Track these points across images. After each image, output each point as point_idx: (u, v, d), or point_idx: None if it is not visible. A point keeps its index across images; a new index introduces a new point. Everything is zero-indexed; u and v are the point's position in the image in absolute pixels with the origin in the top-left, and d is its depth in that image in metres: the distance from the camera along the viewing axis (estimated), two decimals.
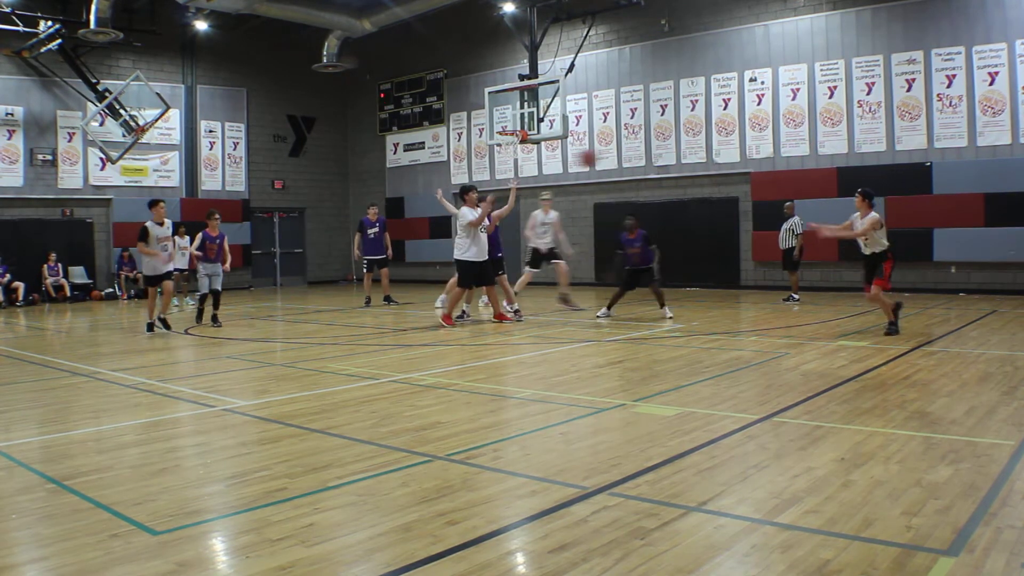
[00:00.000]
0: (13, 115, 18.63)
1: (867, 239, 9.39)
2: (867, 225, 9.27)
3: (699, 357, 8.11)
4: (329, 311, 14.86)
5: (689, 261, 16.97)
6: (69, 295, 18.42)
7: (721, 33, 17.29)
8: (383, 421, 5.57)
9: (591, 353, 8.80)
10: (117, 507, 3.81)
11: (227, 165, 21.99)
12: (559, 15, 17.58)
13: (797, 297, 13.99)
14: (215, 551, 3.39)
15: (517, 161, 20.47)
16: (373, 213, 15.38)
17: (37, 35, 17.70)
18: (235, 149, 22.15)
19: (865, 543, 3.18)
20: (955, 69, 14.60)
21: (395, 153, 23.62)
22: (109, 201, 19.82)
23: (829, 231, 9.90)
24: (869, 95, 15.51)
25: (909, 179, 14.92)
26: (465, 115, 21.79)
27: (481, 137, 20.99)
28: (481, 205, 11.23)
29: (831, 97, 15.94)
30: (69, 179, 19.44)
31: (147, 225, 11.18)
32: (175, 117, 20.64)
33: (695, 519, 3.50)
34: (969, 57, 14.45)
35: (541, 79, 16.77)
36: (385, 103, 23.72)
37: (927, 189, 14.80)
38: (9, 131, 18.61)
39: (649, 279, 11.41)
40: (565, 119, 16.35)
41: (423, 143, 22.82)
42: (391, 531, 3.45)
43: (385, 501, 3.85)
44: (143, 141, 18.79)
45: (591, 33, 18.19)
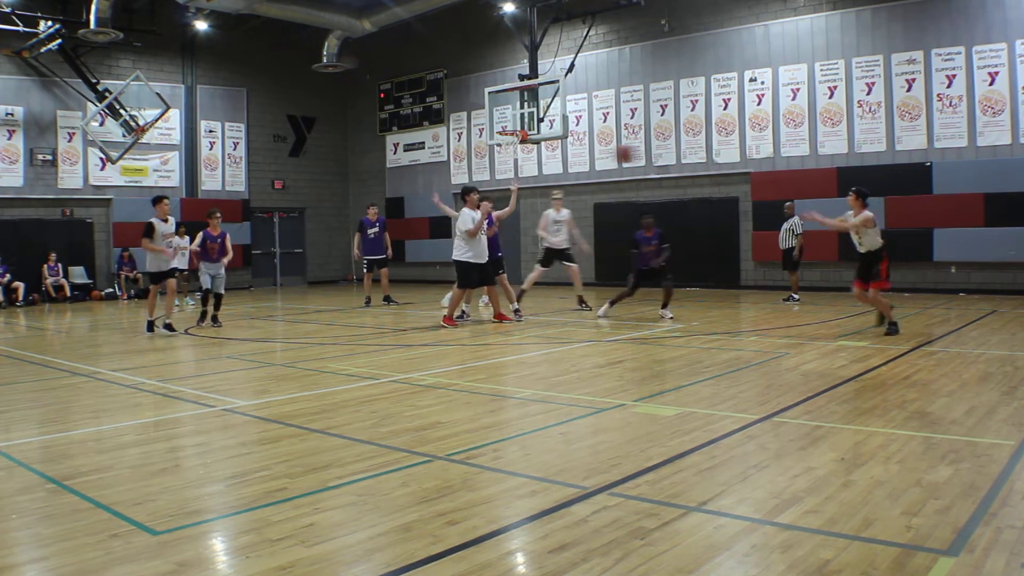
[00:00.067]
0: (13, 115, 18.63)
1: (860, 236, 9.41)
2: (859, 220, 9.30)
3: (699, 357, 8.12)
4: (329, 311, 14.86)
5: (689, 261, 16.95)
6: (69, 295, 18.42)
7: (721, 33, 17.29)
8: (383, 421, 5.58)
9: (591, 353, 8.80)
10: (117, 507, 3.81)
11: (227, 165, 21.99)
12: (559, 15, 17.58)
13: (797, 297, 13.99)
14: (215, 551, 3.39)
15: (517, 161, 20.47)
16: (373, 213, 15.38)
17: (37, 35, 17.70)
18: (235, 149, 22.15)
19: (865, 543, 3.18)
20: (955, 69, 14.60)
21: (395, 153, 23.62)
22: (109, 201, 19.82)
23: (820, 217, 9.89)
24: (869, 95, 15.51)
25: (909, 179, 14.93)
26: (465, 115, 21.79)
27: (481, 137, 20.99)
28: (482, 205, 11.22)
29: (831, 97, 15.94)
30: (69, 179, 19.44)
31: (152, 221, 11.16)
32: (175, 117, 20.64)
33: (695, 519, 3.50)
34: (969, 57, 14.45)
35: (541, 79, 16.77)
36: (385, 103, 23.72)
37: (927, 189, 14.80)
38: (9, 131, 18.61)
39: (662, 279, 11.39)
40: (565, 119, 16.35)
41: (423, 143, 22.82)
42: (391, 531, 3.45)
43: (385, 501, 3.85)
44: (143, 141, 18.80)
45: (591, 33, 18.19)
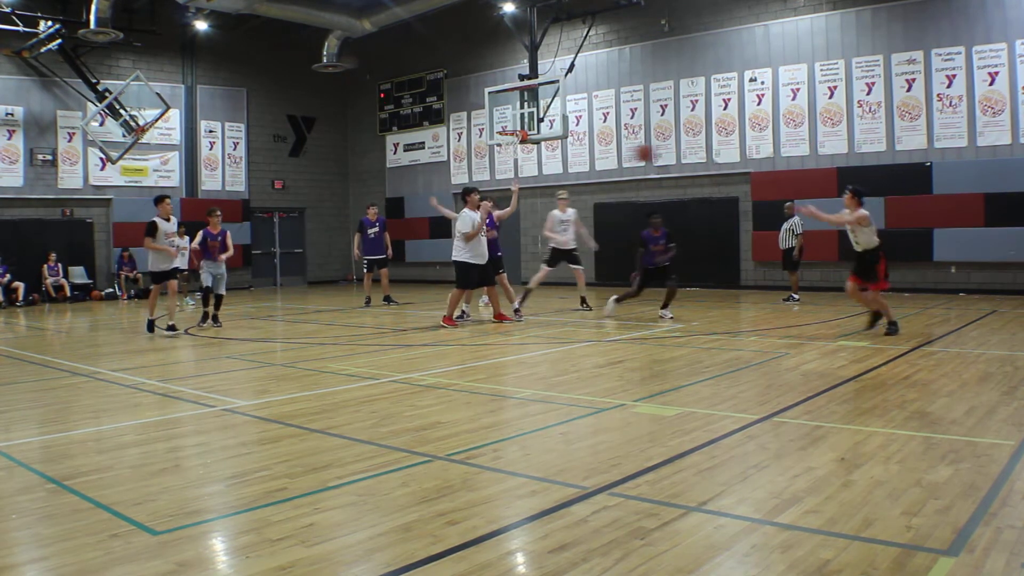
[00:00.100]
0: (13, 115, 18.63)
1: (857, 235, 9.40)
2: (854, 217, 9.30)
3: (699, 357, 8.12)
4: (329, 311, 14.86)
5: (689, 261, 16.87)
6: (69, 295, 18.41)
7: (721, 33, 17.29)
8: (383, 421, 5.57)
9: (591, 353, 8.80)
10: (117, 507, 3.81)
11: (227, 165, 21.98)
12: (559, 15, 17.58)
13: (797, 297, 13.99)
14: (215, 551, 3.39)
15: (517, 161, 20.47)
16: (373, 213, 15.38)
17: (37, 35, 17.70)
18: (235, 149, 22.15)
19: (865, 543, 3.18)
20: (955, 69, 14.60)
21: (395, 153, 23.62)
22: (109, 201, 19.82)
23: (816, 211, 9.85)
24: (869, 95, 15.51)
25: (909, 179, 14.93)
26: (465, 115, 21.79)
27: (481, 137, 20.99)
28: (482, 205, 11.23)
29: (831, 97, 15.94)
30: (69, 179, 19.44)
31: (155, 220, 11.16)
32: (175, 117, 20.64)
33: (695, 519, 3.50)
34: (969, 57, 14.45)
35: (541, 79, 16.77)
36: (385, 103, 23.72)
37: (927, 189, 14.80)
38: (9, 131, 18.61)
39: (667, 279, 11.38)
40: (565, 119, 16.36)
41: (423, 143, 22.82)
42: (391, 531, 3.45)
43: (385, 501, 3.85)
44: (143, 141, 18.80)
45: (591, 33, 18.19)
